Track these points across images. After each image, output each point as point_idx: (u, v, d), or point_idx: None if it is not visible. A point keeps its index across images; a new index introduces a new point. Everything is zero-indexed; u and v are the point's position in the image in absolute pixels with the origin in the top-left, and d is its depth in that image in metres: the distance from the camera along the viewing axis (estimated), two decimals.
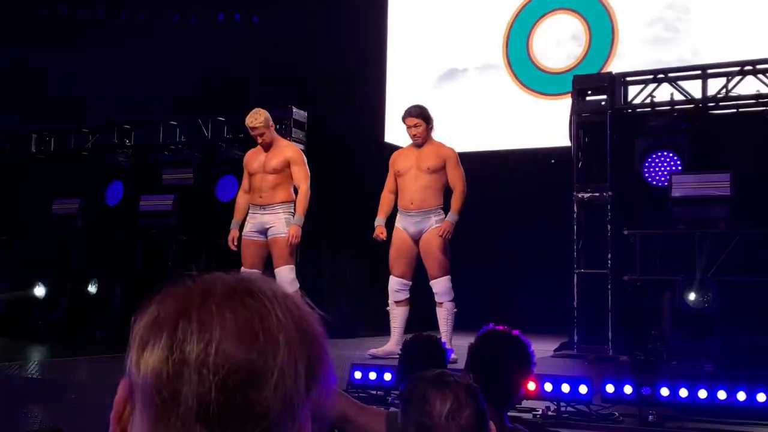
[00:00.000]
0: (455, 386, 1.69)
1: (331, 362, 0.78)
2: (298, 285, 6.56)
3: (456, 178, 6.23)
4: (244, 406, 0.70)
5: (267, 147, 6.53)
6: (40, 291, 8.18)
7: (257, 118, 6.43)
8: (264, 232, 6.46)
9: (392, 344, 6.18)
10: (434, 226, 6.20)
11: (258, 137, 6.49)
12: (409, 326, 6.56)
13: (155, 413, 0.71)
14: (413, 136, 6.30)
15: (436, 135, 6.48)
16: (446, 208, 6.25)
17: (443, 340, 5.95)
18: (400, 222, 6.37)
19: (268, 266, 6.60)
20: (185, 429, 0.70)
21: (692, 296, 5.64)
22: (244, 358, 0.71)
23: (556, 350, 7.16)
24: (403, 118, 6.36)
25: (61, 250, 8.98)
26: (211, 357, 0.70)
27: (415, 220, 6.26)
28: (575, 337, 7.07)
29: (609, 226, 7.09)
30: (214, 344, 0.71)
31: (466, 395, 1.68)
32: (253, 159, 6.60)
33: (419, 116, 6.28)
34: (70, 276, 8.40)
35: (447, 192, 6.33)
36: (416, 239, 6.29)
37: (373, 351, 6.23)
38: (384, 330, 6.71)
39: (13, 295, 8.20)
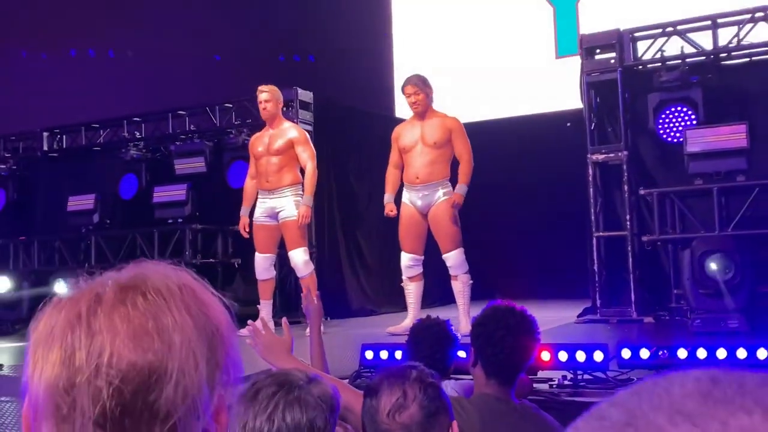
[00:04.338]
0: (409, 382, 1.66)
1: (237, 349, 0.77)
2: (313, 267, 6.52)
3: (462, 149, 6.11)
4: (144, 410, 0.70)
5: (271, 122, 6.49)
6: (60, 288, 8.20)
7: (266, 87, 6.50)
8: (275, 216, 6.44)
9: (410, 320, 6.10)
10: (442, 199, 6.10)
11: (263, 108, 6.48)
12: (429, 300, 6.50)
13: (55, 423, 0.71)
14: (412, 105, 6.20)
15: (447, 107, 6.36)
16: (452, 180, 6.14)
17: (461, 313, 5.92)
18: (406, 197, 6.27)
19: (281, 249, 6.58)
20: None
21: (713, 266, 5.51)
22: (139, 361, 0.70)
23: (579, 316, 7.07)
24: (402, 88, 6.26)
25: (80, 246, 9.01)
26: (104, 366, 0.70)
27: (422, 193, 6.16)
28: (598, 302, 6.97)
29: (626, 187, 6.94)
30: (106, 352, 0.70)
31: (417, 392, 1.65)
32: (258, 142, 6.58)
33: (417, 84, 6.17)
34: (89, 271, 8.41)
35: (453, 162, 6.23)
36: (424, 213, 6.20)
37: (391, 329, 6.17)
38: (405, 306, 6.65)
39: (35, 292, 8.24)
